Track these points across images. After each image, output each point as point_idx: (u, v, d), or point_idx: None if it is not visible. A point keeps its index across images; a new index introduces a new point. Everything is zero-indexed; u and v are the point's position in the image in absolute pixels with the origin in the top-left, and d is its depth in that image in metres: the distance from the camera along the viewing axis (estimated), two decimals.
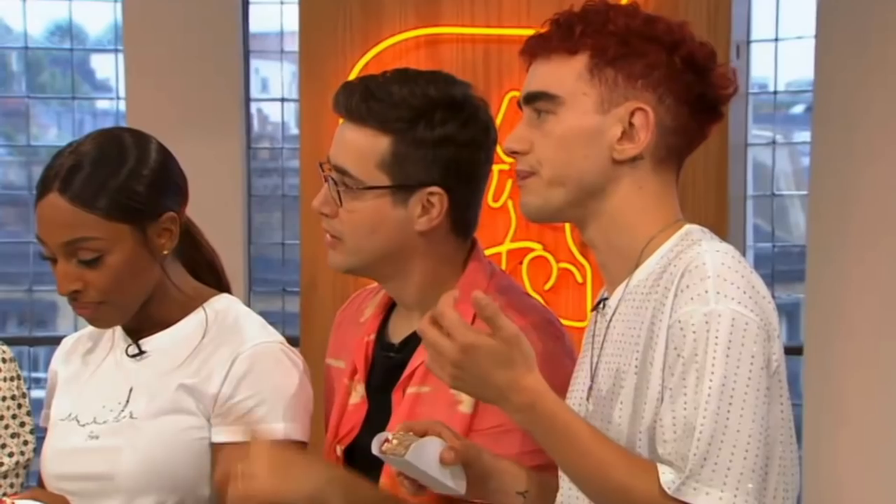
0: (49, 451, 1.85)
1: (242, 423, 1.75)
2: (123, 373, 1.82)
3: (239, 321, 1.82)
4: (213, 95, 4.08)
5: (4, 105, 4.68)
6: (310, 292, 3.54)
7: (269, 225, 4.43)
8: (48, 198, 1.73)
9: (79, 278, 1.73)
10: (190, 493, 1.78)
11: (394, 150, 1.69)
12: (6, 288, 4.54)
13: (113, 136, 1.80)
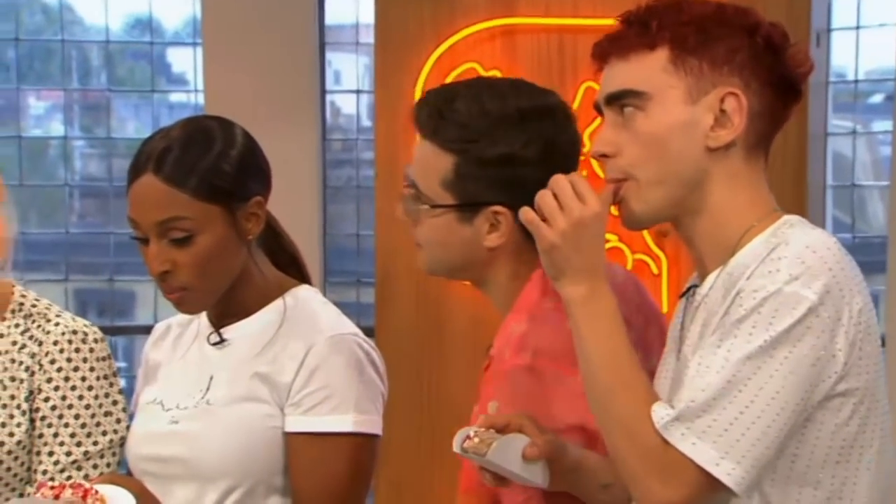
0: (134, 432, 1.89)
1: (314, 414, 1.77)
2: (206, 361, 1.85)
3: (315, 312, 1.84)
4: (289, 87, 4.11)
5: (84, 98, 4.75)
6: (385, 283, 3.56)
7: (342, 216, 4.46)
8: (142, 179, 1.76)
9: (169, 259, 1.75)
10: (262, 481, 1.80)
11: (457, 170, 1.68)
12: (87, 278, 4.62)
13: (200, 122, 1.84)
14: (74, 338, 1.93)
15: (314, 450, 1.77)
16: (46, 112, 4.91)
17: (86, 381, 1.93)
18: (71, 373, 1.92)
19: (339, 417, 1.77)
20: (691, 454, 1.38)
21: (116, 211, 4.49)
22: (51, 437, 1.91)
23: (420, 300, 3.53)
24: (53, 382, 1.92)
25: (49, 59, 4.68)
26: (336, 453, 1.77)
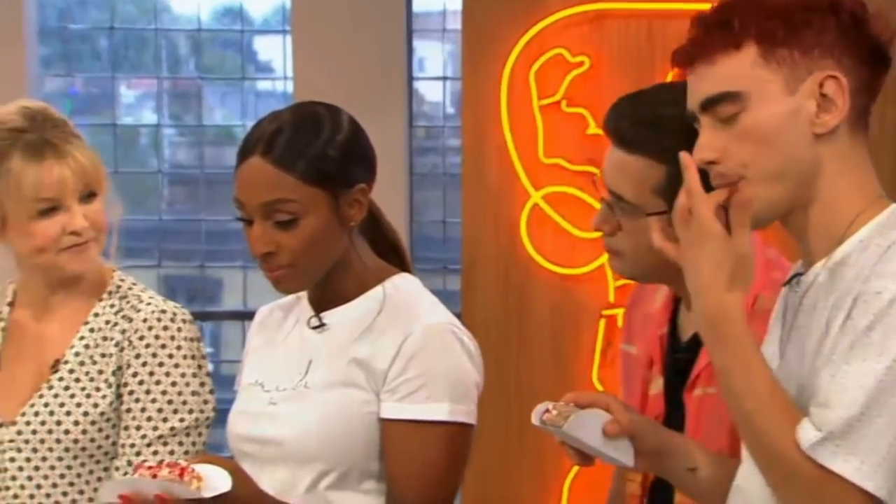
0: (234, 412, 1.91)
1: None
2: (305, 344, 1.87)
3: (414, 300, 1.84)
4: (376, 75, 4.13)
5: (175, 87, 4.82)
6: (471, 270, 3.56)
7: (427, 203, 4.47)
8: (250, 160, 1.79)
9: (272, 241, 1.78)
10: (357, 466, 1.81)
11: (669, 177, 1.67)
12: (176, 264, 4.69)
13: (310, 107, 1.85)
14: (163, 316, 1.98)
15: (409, 437, 1.78)
16: (137, 100, 5.00)
17: (173, 359, 1.97)
18: (159, 350, 1.96)
19: (434, 406, 1.78)
20: (844, 472, 1.36)
21: (207, 198, 4.56)
22: (138, 411, 1.95)
23: (504, 287, 3.53)
24: (141, 358, 1.96)
25: (141, 48, 4.76)
26: (431, 441, 1.78)
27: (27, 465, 1.95)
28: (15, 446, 1.96)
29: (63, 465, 1.95)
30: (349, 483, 1.82)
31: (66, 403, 1.96)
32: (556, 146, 3.48)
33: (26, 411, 1.96)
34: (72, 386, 1.97)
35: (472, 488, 3.52)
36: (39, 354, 2.00)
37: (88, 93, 4.70)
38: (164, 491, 1.61)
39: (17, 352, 2.02)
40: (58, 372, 1.98)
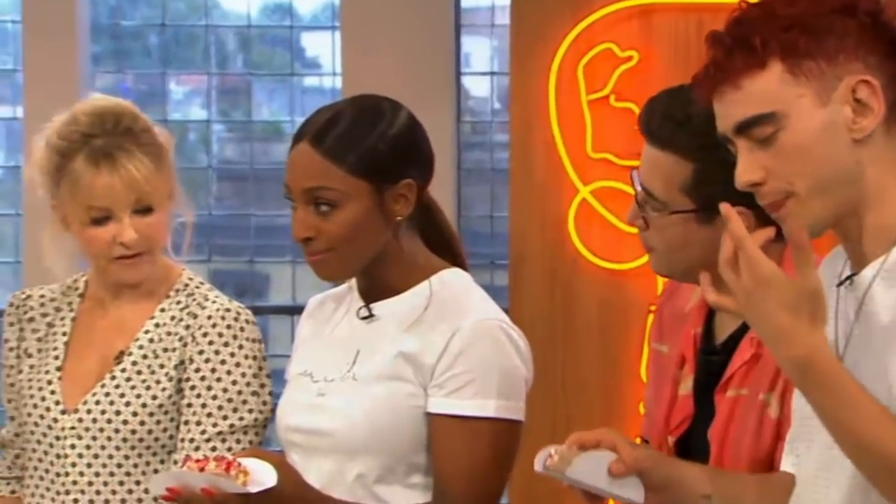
0: (283, 402, 1.93)
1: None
2: (354, 334, 1.88)
3: (463, 295, 1.84)
4: (424, 70, 4.14)
5: (224, 83, 4.85)
6: (518, 266, 3.56)
7: (474, 198, 4.47)
8: (300, 146, 1.81)
9: (313, 226, 1.80)
10: (403, 459, 1.82)
11: (696, 176, 1.68)
12: (224, 259, 4.73)
13: (368, 100, 1.86)
14: (227, 315, 2.00)
15: (456, 432, 1.78)
16: (186, 96, 5.03)
17: (234, 357, 1.99)
18: (221, 347, 1.98)
19: (481, 402, 1.78)
20: None
21: (256, 194, 4.59)
22: (198, 406, 1.98)
23: (551, 283, 3.53)
24: (204, 355, 1.98)
25: (190, 44, 4.80)
26: (478, 437, 1.78)
27: (87, 452, 1.99)
28: (75, 434, 2.00)
29: (121, 454, 1.98)
30: (396, 476, 1.82)
31: (126, 394, 1.99)
32: (605, 141, 3.47)
33: (88, 400, 2.00)
34: (133, 378, 2.00)
35: (519, 484, 3.52)
36: (105, 345, 2.04)
37: (138, 89, 4.74)
38: (211, 485, 1.62)
39: (86, 342, 2.06)
40: (121, 363, 2.01)
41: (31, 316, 2.10)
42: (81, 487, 1.99)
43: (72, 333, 2.07)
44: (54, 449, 2.01)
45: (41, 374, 2.05)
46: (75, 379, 2.03)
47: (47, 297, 2.11)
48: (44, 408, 2.03)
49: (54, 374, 2.05)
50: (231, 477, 1.62)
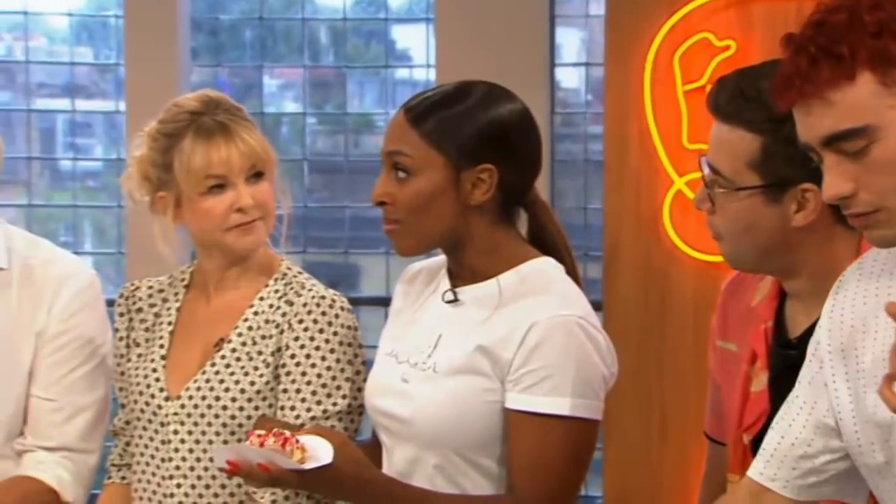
0: (371, 381, 1.95)
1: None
2: (438, 317, 1.89)
3: (546, 288, 1.83)
4: (518, 62, 4.14)
5: (318, 75, 4.90)
6: (612, 258, 3.55)
7: (565, 189, 4.46)
8: (397, 113, 1.86)
9: (388, 191, 1.83)
10: (480, 451, 1.83)
11: (764, 150, 1.65)
12: (319, 250, 4.78)
13: (479, 84, 1.87)
14: (322, 302, 2.03)
15: (530, 429, 1.78)
16: (279, 90, 5.09)
17: (329, 344, 2.01)
18: (316, 334, 2.01)
19: (556, 399, 1.77)
20: None
21: (350, 185, 4.64)
22: (293, 392, 2.01)
23: (645, 274, 3.51)
24: (300, 341, 2.02)
25: (282, 38, 4.85)
26: (552, 434, 1.78)
27: (188, 437, 2.04)
28: (178, 420, 2.05)
29: (220, 440, 2.02)
30: (473, 466, 1.83)
31: (225, 380, 2.04)
32: (701, 131, 3.43)
33: (189, 386, 2.06)
34: (232, 364, 2.05)
35: (614, 476, 3.51)
36: (207, 333, 2.09)
37: (233, 83, 4.81)
38: (267, 460, 1.64)
39: (189, 331, 2.12)
40: (221, 350, 2.06)
41: (139, 307, 2.16)
42: (184, 472, 2.04)
43: (176, 322, 2.13)
44: (159, 435, 2.07)
45: (147, 363, 2.11)
46: (179, 366, 2.09)
47: (155, 288, 2.18)
48: (149, 395, 2.08)
49: (159, 362, 2.10)
50: (286, 453, 1.64)
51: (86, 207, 4.68)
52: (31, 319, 2.14)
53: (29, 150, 4.61)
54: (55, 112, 4.72)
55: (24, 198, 4.59)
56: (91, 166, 4.84)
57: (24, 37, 4.57)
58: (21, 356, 2.13)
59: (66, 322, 2.14)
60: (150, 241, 2.15)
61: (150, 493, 2.08)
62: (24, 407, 2.14)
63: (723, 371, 1.86)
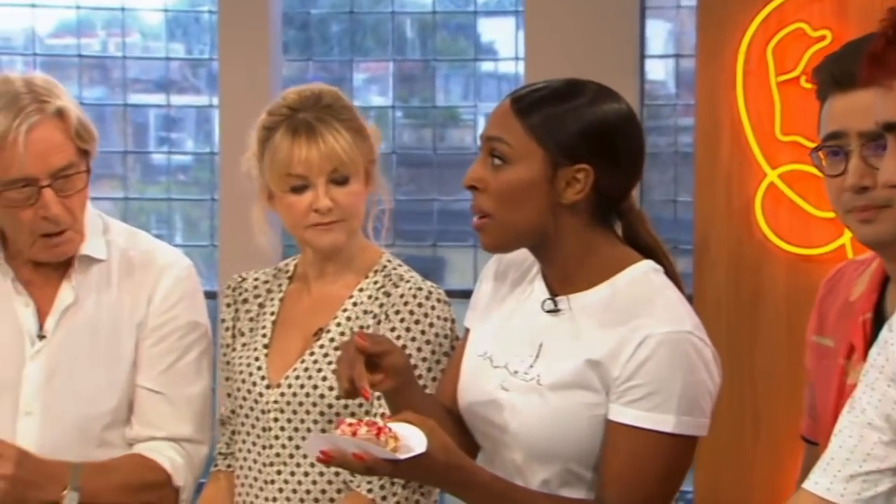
0: (466, 383, 1.92)
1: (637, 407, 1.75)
2: (537, 325, 1.86)
3: (653, 299, 1.80)
4: (608, 54, 4.12)
5: (402, 69, 4.92)
6: (702, 251, 3.52)
7: (654, 182, 4.43)
8: (503, 102, 1.84)
9: (481, 176, 1.81)
10: (587, 464, 1.81)
11: None
12: (407, 243, 4.80)
13: (581, 81, 1.85)
14: (419, 293, 2.05)
15: (629, 441, 1.76)
16: (365, 83, 5.12)
17: (424, 335, 2.02)
18: (412, 325, 2.03)
19: (660, 416, 1.75)
20: None
21: (438, 179, 4.65)
22: None
23: (737, 268, 3.47)
24: (396, 332, 2.03)
25: (371, 32, 4.88)
26: (651, 450, 1.75)
27: (288, 425, 2.07)
28: (278, 407, 2.08)
29: (318, 428, 2.05)
30: (580, 478, 1.82)
31: (323, 369, 2.06)
32: (795, 123, 3.39)
33: (289, 375, 2.09)
34: (330, 354, 2.07)
35: (705, 474, 3.48)
36: (308, 324, 2.12)
37: (321, 77, 4.85)
38: (362, 450, 1.64)
39: (291, 321, 2.15)
40: (319, 340, 2.09)
41: (245, 297, 2.20)
42: (284, 459, 2.07)
43: (279, 313, 2.16)
44: (260, 422, 2.10)
45: (250, 352, 2.15)
46: (280, 355, 2.12)
47: (261, 279, 2.21)
48: (251, 383, 2.12)
49: (261, 351, 2.14)
50: (381, 443, 1.63)
51: (179, 200, 4.76)
52: (132, 310, 2.18)
53: (125, 145, 4.70)
54: (149, 107, 4.80)
55: (117, 191, 4.68)
56: (182, 160, 4.91)
57: (119, 33, 4.65)
58: (123, 347, 2.17)
59: (167, 313, 2.18)
60: (243, 234, 2.19)
61: (251, 479, 2.12)
62: (128, 397, 2.18)
63: (818, 368, 1.83)
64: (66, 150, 2.09)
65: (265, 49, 4.33)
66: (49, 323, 2.17)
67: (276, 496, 2.08)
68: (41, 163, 2.06)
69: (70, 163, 2.09)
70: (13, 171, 2.05)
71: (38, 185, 2.07)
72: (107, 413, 2.15)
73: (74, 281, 2.17)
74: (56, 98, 2.10)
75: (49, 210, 2.08)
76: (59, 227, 2.10)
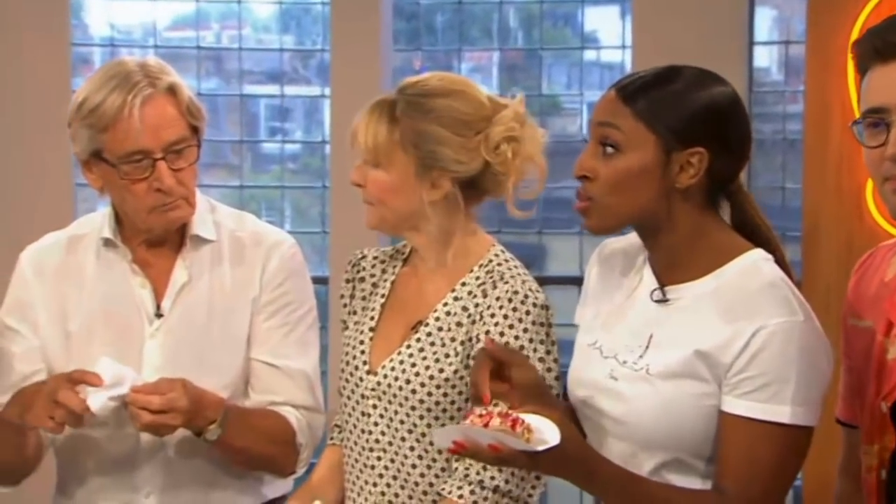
0: (575, 372, 1.91)
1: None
2: (647, 315, 1.85)
3: (766, 289, 1.77)
4: (716, 41, 4.06)
5: (506, 58, 4.91)
6: (811, 239, 3.47)
7: (761, 169, 4.38)
8: (608, 91, 1.82)
9: (592, 165, 1.79)
10: (699, 454, 1.80)
11: None
12: (513, 230, 4.80)
13: (691, 68, 1.83)
14: (515, 297, 1.99)
15: (745, 433, 1.74)
16: (468, 73, 5.13)
17: (518, 341, 1.98)
18: (506, 329, 1.99)
19: (775, 407, 1.73)
20: None
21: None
22: None
23: (847, 255, 3.41)
24: (490, 335, 1.99)
25: (473, 21, 4.88)
26: (767, 441, 1.73)
27: (385, 413, 2.07)
28: (376, 395, 2.08)
29: (411, 421, 2.04)
30: (691, 468, 1.80)
31: (417, 364, 2.05)
32: None
33: (386, 364, 2.08)
34: (426, 349, 2.06)
35: (814, 465, 3.41)
36: (410, 313, 2.11)
37: (428, 67, 4.86)
38: (497, 441, 1.62)
39: (397, 307, 2.14)
40: (417, 333, 2.08)
41: (362, 276, 2.20)
42: (383, 446, 2.07)
43: (388, 296, 2.16)
44: (360, 406, 2.11)
45: (358, 334, 2.15)
46: (384, 341, 2.12)
47: (378, 258, 2.21)
48: (353, 366, 2.13)
49: (367, 334, 2.14)
50: (517, 434, 1.62)
51: (291, 188, 4.82)
52: (245, 288, 2.23)
53: (241, 134, 4.77)
54: (261, 97, 4.88)
55: (230, 180, 4.76)
56: (291, 149, 4.97)
57: (235, 25, 4.72)
58: (237, 322, 2.23)
59: (278, 289, 2.23)
60: (353, 220, 2.21)
61: (353, 460, 2.13)
62: (244, 371, 2.23)
63: (857, 350, 1.80)
64: (178, 124, 2.14)
65: (376, 40, 4.36)
66: (165, 302, 2.22)
67: (376, 481, 2.09)
68: (155, 135, 2.12)
69: (182, 137, 2.15)
70: (128, 144, 2.11)
71: (153, 157, 2.12)
72: (225, 387, 2.19)
73: (188, 261, 2.23)
74: (167, 76, 2.16)
75: (163, 182, 2.13)
76: (172, 199, 2.15)
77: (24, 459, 2.21)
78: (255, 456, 2.21)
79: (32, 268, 2.27)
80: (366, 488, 2.10)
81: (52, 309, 2.24)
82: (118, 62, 2.19)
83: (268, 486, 2.31)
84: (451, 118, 2.04)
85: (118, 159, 2.13)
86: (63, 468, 2.29)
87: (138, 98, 2.11)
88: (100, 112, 2.11)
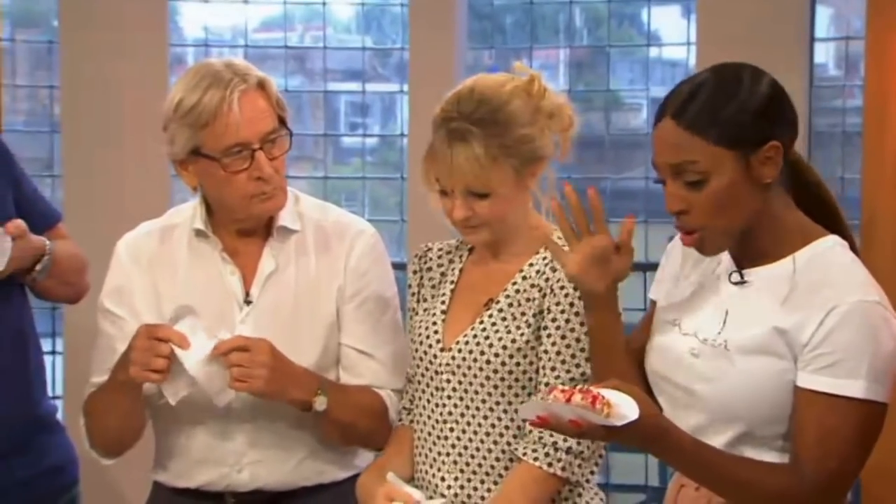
0: (653, 347, 1.94)
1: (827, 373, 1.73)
2: (724, 294, 1.86)
3: (841, 269, 1.79)
4: (777, 37, 4.01)
5: (572, 56, 4.89)
6: (869, 229, 3.42)
7: (821, 162, 4.32)
8: (662, 122, 1.81)
9: (684, 200, 1.79)
10: (774, 429, 1.80)
11: None
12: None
13: (730, 69, 1.82)
14: None
15: (822, 407, 1.74)
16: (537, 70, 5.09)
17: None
18: (576, 300, 2.05)
19: (849, 382, 1.73)
20: None
21: (611, 160, 4.63)
22: (553, 353, 2.06)
23: None
24: (560, 306, 2.06)
25: (540, 19, 4.87)
26: (842, 416, 1.73)
27: (458, 386, 2.12)
28: (450, 370, 2.13)
29: (484, 391, 2.09)
30: (766, 441, 1.81)
31: (490, 336, 2.10)
32: None
33: (460, 340, 2.13)
34: (498, 323, 2.11)
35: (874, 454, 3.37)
36: (481, 293, 2.16)
37: (499, 66, 4.86)
38: (579, 417, 1.65)
39: (467, 290, 2.20)
40: (489, 309, 2.13)
41: (429, 266, 2.25)
42: (455, 418, 2.12)
43: (458, 282, 2.21)
44: (434, 382, 2.15)
45: (430, 317, 2.20)
46: (455, 321, 2.17)
47: (444, 249, 2.27)
48: (427, 345, 2.17)
49: (439, 316, 2.19)
50: (597, 411, 1.64)
51: (372, 179, 4.87)
52: (330, 276, 2.27)
53: (323, 129, 4.83)
54: (342, 94, 4.92)
55: (315, 172, 4.81)
56: (370, 143, 5.01)
57: (319, 26, 4.77)
58: (323, 309, 2.26)
59: (363, 278, 2.27)
60: (429, 210, 2.22)
61: (425, 433, 2.17)
62: (330, 355, 2.26)
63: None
64: (271, 116, 2.18)
65: (452, 39, 4.37)
66: (254, 289, 2.26)
67: (448, 451, 2.12)
68: (253, 127, 2.15)
69: (274, 127, 2.19)
70: (229, 138, 2.15)
71: (251, 148, 2.16)
72: (309, 367, 2.22)
73: (275, 250, 2.26)
74: (254, 72, 2.20)
75: (263, 170, 2.16)
76: (270, 186, 2.18)
77: (131, 426, 2.25)
78: (360, 430, 2.24)
79: (129, 255, 2.32)
80: (439, 459, 2.13)
81: (148, 294, 2.28)
82: (205, 63, 2.23)
83: (360, 458, 2.35)
84: (524, 116, 2.06)
85: (219, 153, 2.16)
86: (160, 442, 2.34)
87: (235, 94, 2.14)
88: (199, 110, 2.14)
